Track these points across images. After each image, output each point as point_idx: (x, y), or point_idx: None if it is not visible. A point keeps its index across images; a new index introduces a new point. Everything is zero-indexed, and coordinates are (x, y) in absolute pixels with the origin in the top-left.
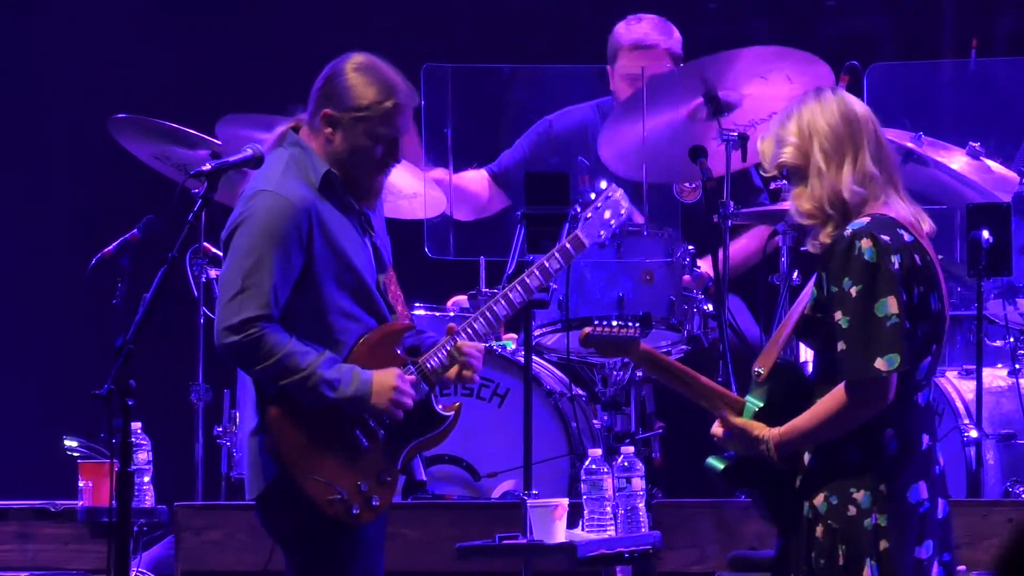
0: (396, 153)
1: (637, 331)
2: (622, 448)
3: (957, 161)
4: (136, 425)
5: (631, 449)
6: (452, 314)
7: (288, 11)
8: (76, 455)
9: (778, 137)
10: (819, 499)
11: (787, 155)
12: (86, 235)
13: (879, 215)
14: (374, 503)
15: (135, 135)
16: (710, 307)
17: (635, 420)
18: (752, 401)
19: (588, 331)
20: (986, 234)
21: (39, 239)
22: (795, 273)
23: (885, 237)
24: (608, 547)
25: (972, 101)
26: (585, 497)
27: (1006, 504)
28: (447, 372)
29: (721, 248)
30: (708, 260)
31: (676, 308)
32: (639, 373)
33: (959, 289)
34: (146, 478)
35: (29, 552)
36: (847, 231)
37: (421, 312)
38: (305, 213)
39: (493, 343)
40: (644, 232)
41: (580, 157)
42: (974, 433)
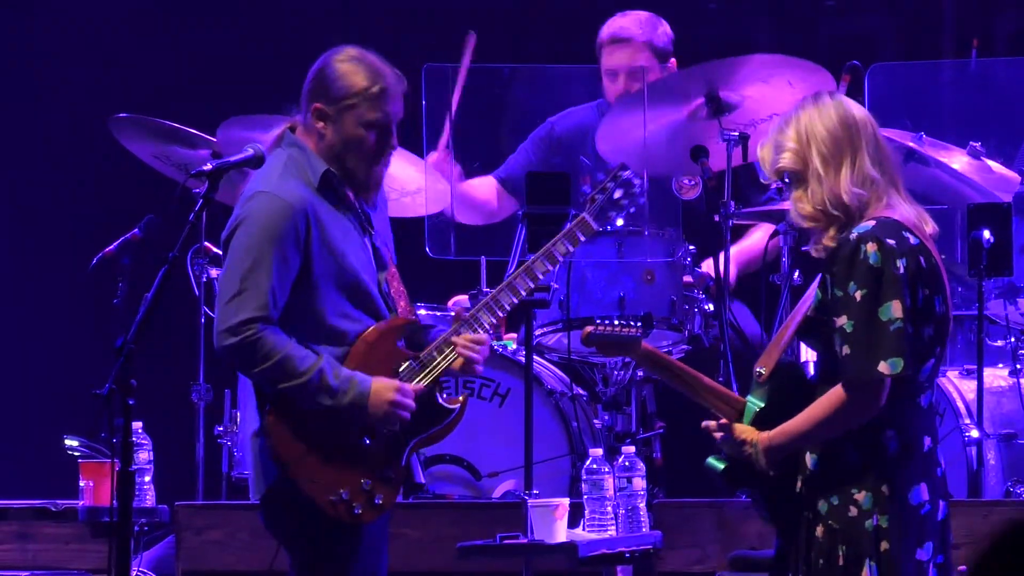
0: (390, 140)
1: (639, 330)
2: (623, 448)
3: (958, 161)
4: (137, 425)
5: (632, 449)
6: (453, 314)
7: (288, 11)
8: (77, 455)
9: (777, 143)
10: (820, 500)
11: (786, 160)
12: (86, 235)
13: (884, 218)
14: (377, 501)
15: (136, 135)
16: (711, 307)
17: (636, 420)
18: (753, 401)
19: (590, 330)
20: (987, 234)
21: (39, 239)
22: (796, 273)
23: (891, 241)
24: (609, 547)
25: (973, 101)
26: (586, 497)
27: (1007, 504)
28: (451, 364)
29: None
30: (711, 261)
31: (677, 308)
32: (640, 373)
33: (960, 289)
34: (147, 478)
35: (30, 552)
36: (852, 235)
37: (422, 312)
38: (303, 213)
39: (494, 343)
40: (645, 232)
41: (582, 157)
42: (975, 433)
